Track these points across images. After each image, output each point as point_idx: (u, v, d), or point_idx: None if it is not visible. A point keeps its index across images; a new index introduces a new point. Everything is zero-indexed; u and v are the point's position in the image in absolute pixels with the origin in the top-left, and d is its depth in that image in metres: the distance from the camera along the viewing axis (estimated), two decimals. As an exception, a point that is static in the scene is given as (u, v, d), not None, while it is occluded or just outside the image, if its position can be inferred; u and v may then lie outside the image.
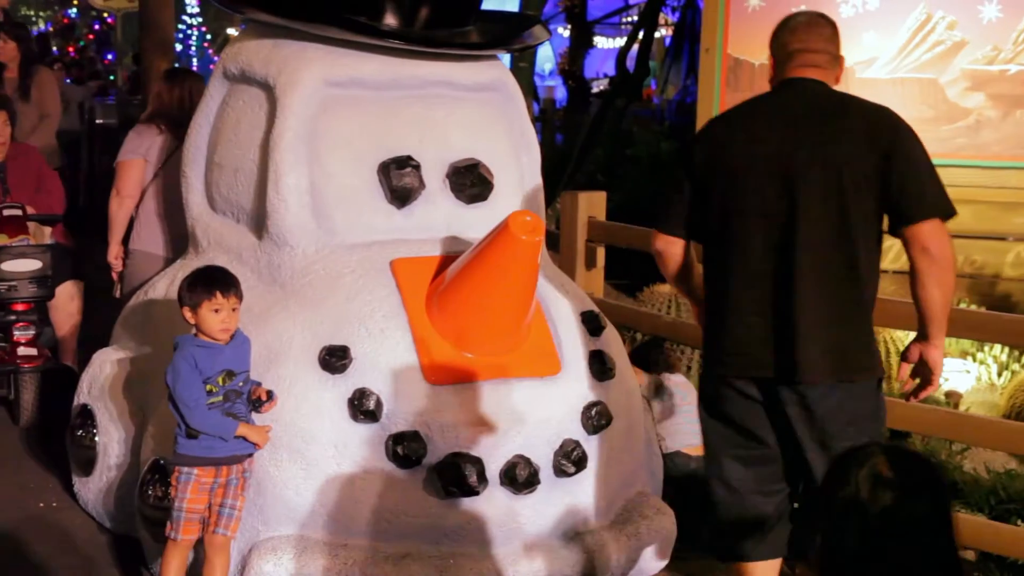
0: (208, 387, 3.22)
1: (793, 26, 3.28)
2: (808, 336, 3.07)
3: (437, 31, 3.72)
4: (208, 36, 36.09)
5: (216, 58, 5.47)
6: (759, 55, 6.63)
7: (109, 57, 23.06)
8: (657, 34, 18.76)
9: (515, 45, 4.18)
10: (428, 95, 3.75)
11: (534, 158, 3.98)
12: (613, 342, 3.78)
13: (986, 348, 5.68)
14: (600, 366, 3.60)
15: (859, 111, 3.21)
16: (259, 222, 3.67)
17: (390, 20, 3.68)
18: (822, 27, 3.27)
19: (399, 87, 3.71)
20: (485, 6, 4.02)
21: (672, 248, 3.25)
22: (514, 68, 8.72)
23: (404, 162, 3.62)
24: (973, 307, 6.03)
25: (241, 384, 3.28)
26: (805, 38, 3.24)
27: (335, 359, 3.36)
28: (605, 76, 18.95)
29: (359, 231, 3.62)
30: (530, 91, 9.15)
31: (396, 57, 3.68)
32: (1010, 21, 6.15)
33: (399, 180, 3.61)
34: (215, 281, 3.26)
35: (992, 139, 6.27)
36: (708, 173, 3.16)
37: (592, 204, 5.34)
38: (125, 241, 4.91)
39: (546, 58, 21.38)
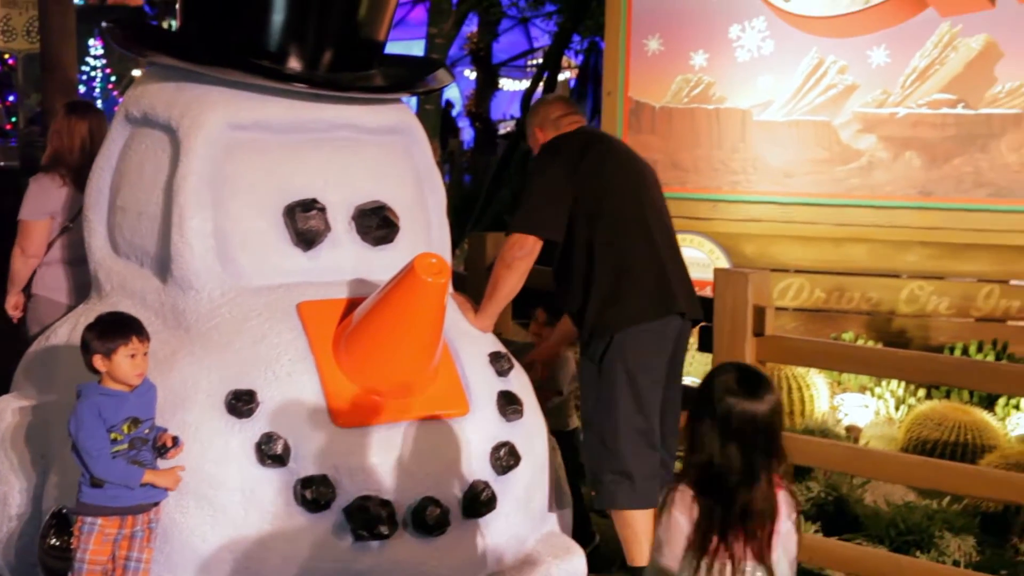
0: (113, 435, 3.17)
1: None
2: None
3: (341, 74, 3.75)
4: (113, 78, 35.55)
5: (121, 99, 5.41)
6: (659, 98, 6.78)
7: (11, 99, 22.61)
8: (562, 76, 19.03)
9: (419, 89, 4.22)
10: (333, 138, 3.76)
11: (440, 200, 4.02)
12: (521, 382, 3.81)
13: (884, 383, 5.85)
14: (508, 406, 3.63)
15: None
16: (163, 266, 3.64)
17: (294, 64, 3.69)
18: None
19: (304, 130, 3.72)
20: (391, 49, 4.06)
21: (537, 249, 3.84)
22: (420, 110, 8.76)
23: (309, 205, 3.62)
24: (871, 343, 6.21)
25: (147, 431, 3.24)
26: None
27: (241, 403, 3.33)
28: (512, 117, 19.13)
29: (265, 274, 3.60)
30: (437, 133, 9.19)
31: (300, 100, 3.69)
32: (897, 66, 6.38)
33: (304, 223, 3.62)
34: (127, 325, 3.23)
35: (884, 180, 6.48)
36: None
37: (499, 244, 5.38)
38: (27, 287, 4.81)
39: (453, 100, 21.51)
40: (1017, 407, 5.44)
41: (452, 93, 21.16)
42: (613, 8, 6.82)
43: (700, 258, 6.37)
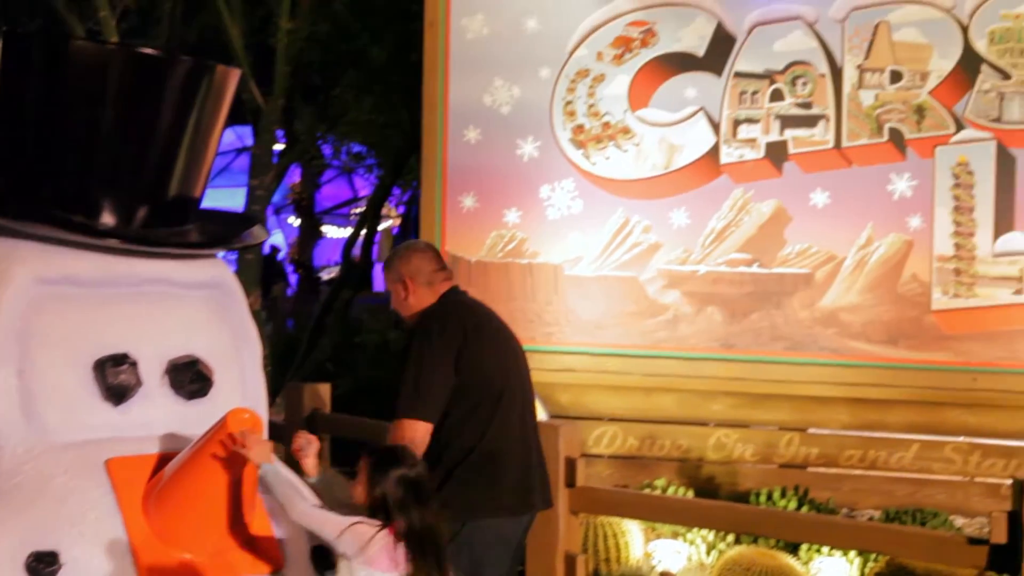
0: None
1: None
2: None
3: (156, 230, 3.76)
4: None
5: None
6: (474, 252, 7.00)
7: None
8: (388, 223, 19.28)
9: (234, 245, 4.27)
10: (146, 292, 3.76)
11: (255, 353, 4.04)
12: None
13: (695, 529, 6.02)
14: (323, 561, 3.62)
15: None
16: (-36, 422, 3.54)
17: (107, 219, 3.69)
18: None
19: (116, 285, 3.71)
20: (212, 197, 4.12)
21: (428, 438, 3.74)
22: (241, 259, 8.76)
23: (120, 359, 3.60)
24: (682, 489, 6.42)
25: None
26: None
27: (43, 565, 3.23)
28: (335, 264, 19.22)
29: (73, 430, 3.54)
30: (259, 281, 9.20)
31: (113, 255, 3.69)
32: (697, 227, 6.78)
33: (114, 378, 3.59)
34: None
35: (689, 332, 6.80)
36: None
37: (316, 396, 5.42)
38: None
39: (279, 245, 21.48)
40: (819, 551, 5.67)
41: (277, 239, 21.13)
42: (429, 166, 7.07)
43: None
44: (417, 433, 3.75)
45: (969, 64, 6.47)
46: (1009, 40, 6.43)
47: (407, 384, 3.83)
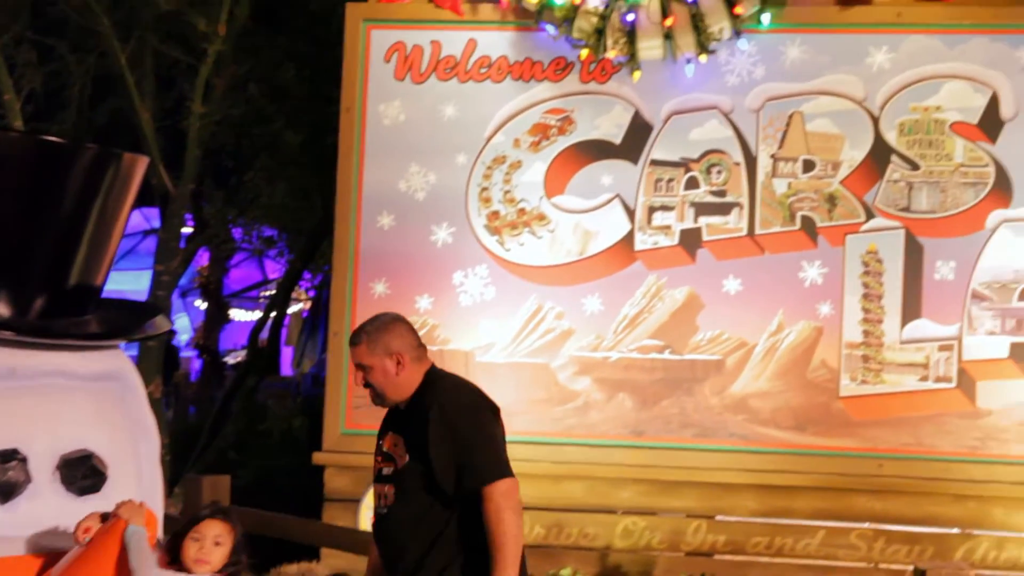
0: None
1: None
2: None
3: (54, 321, 3.64)
4: None
5: None
6: (386, 338, 6.87)
7: None
8: (297, 307, 19.08)
9: (135, 336, 4.16)
10: (42, 385, 3.62)
11: (152, 447, 3.89)
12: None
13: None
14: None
15: None
16: None
17: (2, 310, 3.56)
18: None
19: (11, 377, 3.57)
20: (116, 280, 3.99)
21: None
22: (143, 347, 8.54)
23: (8, 456, 3.45)
24: (585, 578, 6.33)
25: None
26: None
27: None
28: (242, 347, 18.93)
29: (-42, 528, 3.37)
30: (160, 369, 8.97)
31: (8, 347, 3.55)
32: (610, 313, 6.76)
33: (2, 475, 3.43)
34: None
35: (599, 419, 6.75)
36: None
37: (216, 488, 5.25)
38: None
39: (183, 329, 21.12)
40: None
41: (183, 322, 20.78)
42: (341, 251, 6.99)
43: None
44: (517, 488, 3.54)
45: (879, 154, 6.60)
46: (918, 132, 6.58)
47: (484, 450, 3.56)
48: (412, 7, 6.98)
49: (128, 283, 14.15)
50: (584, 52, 6.70)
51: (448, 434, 3.51)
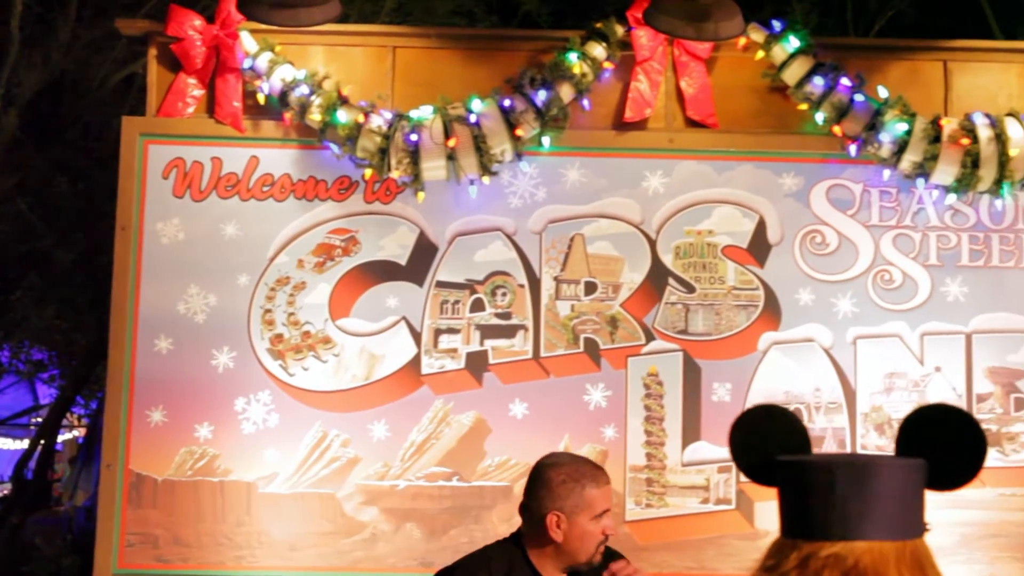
0: None
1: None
2: None
3: None
4: None
5: None
6: (162, 470, 6.55)
7: None
8: (72, 434, 18.09)
9: None
10: None
11: None
12: None
13: None
14: None
15: None
16: None
17: None
18: None
19: None
20: None
21: None
22: None
23: None
24: None
25: None
26: None
27: None
28: (6, 480, 17.77)
29: None
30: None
31: None
32: (397, 439, 6.61)
33: None
34: None
35: (387, 551, 6.53)
36: None
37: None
38: None
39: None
40: None
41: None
42: (115, 376, 6.62)
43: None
44: None
45: (657, 277, 6.74)
46: (692, 255, 6.77)
47: None
48: (191, 122, 6.81)
49: None
50: (368, 171, 6.66)
51: None
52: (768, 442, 2.34)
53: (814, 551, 2.09)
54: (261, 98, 6.74)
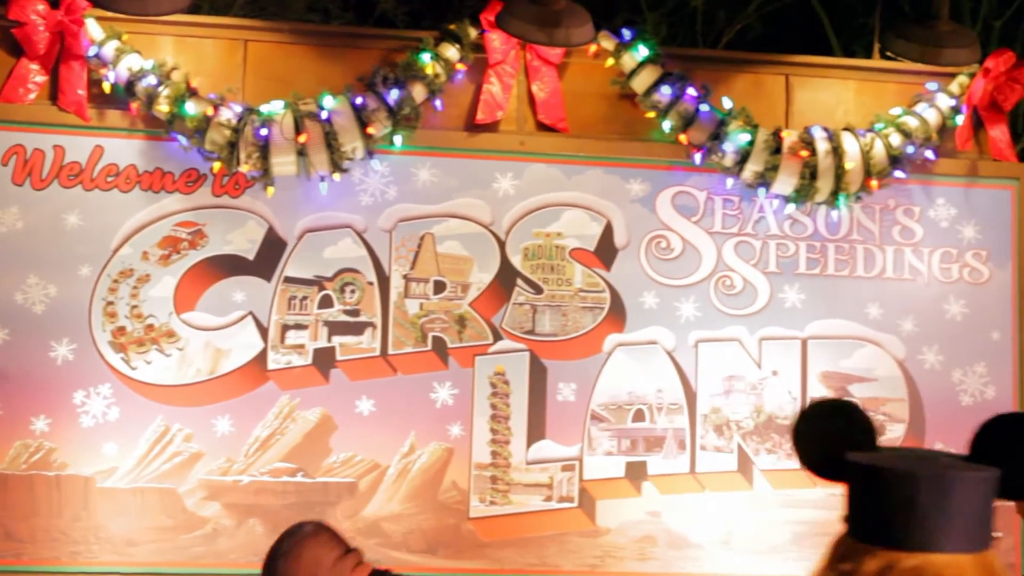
0: None
1: None
2: None
3: None
4: None
5: None
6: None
7: None
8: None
9: None
10: None
11: None
12: None
13: None
14: None
15: None
16: None
17: None
18: None
19: None
20: None
21: None
22: None
23: None
24: None
25: None
26: None
27: None
28: None
29: None
30: None
31: None
32: (241, 435, 6.55)
33: None
34: None
35: (228, 547, 6.48)
36: None
37: None
38: None
39: None
40: None
41: None
42: (-53, 369, 6.42)
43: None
44: None
45: (506, 278, 6.83)
46: (541, 257, 6.88)
47: None
48: (33, 109, 6.61)
49: None
50: (217, 165, 6.58)
51: None
52: (833, 437, 2.26)
53: (894, 561, 2.05)
54: (107, 87, 6.60)
